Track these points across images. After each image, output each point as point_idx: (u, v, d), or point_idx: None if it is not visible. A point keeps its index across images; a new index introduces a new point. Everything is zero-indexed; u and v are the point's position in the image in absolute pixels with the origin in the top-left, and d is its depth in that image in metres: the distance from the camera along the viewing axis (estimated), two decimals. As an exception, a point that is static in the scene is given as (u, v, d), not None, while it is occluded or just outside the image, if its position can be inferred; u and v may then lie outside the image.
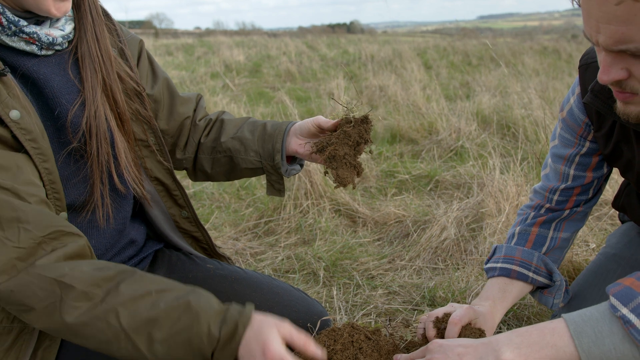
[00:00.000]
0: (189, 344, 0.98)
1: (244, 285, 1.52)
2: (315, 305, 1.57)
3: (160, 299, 1.00)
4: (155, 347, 0.98)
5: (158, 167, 1.43)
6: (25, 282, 0.96)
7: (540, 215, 1.55)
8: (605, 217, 2.87)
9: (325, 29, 45.38)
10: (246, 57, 12.88)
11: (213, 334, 0.98)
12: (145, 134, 1.37)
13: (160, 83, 1.46)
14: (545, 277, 1.50)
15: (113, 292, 0.98)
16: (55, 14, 1.11)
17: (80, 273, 0.99)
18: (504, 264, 1.50)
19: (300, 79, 9.43)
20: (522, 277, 1.48)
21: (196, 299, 1.01)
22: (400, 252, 2.62)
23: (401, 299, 2.16)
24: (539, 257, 1.50)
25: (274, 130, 1.44)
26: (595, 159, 1.44)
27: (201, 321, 0.98)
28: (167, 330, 0.98)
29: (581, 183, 1.48)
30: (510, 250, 1.52)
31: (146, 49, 1.47)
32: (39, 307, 0.97)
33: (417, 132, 4.76)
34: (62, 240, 1.02)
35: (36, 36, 1.11)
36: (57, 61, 1.18)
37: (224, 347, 0.99)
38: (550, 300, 1.52)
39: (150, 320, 0.97)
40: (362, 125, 1.29)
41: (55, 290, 0.96)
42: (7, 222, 0.96)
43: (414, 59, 9.93)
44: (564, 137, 1.46)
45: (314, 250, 2.60)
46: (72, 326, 0.96)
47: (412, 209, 3.09)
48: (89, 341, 0.99)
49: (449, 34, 33.35)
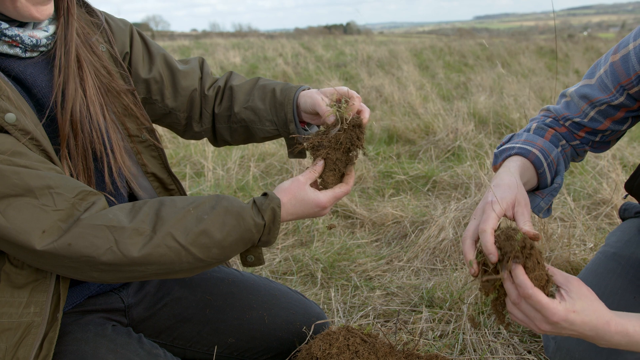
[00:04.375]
0: (241, 239, 1.13)
1: (241, 287, 1.51)
2: (312, 307, 1.56)
3: (200, 213, 1.11)
4: (212, 252, 1.11)
5: (153, 162, 1.42)
6: (78, 234, 1.02)
7: (555, 126, 1.47)
8: (602, 216, 2.87)
9: (321, 30, 45.40)
10: (242, 58, 12.88)
11: (259, 223, 1.14)
12: (139, 129, 1.36)
13: (157, 62, 1.45)
14: (550, 177, 1.39)
15: (158, 221, 1.08)
16: (38, 18, 1.10)
17: (122, 215, 1.07)
18: (523, 145, 1.37)
19: (297, 80, 9.41)
20: (537, 163, 1.35)
21: (229, 203, 1.14)
22: (398, 253, 2.60)
23: (399, 300, 2.15)
24: (557, 153, 1.40)
25: (283, 97, 1.41)
26: (622, 113, 1.38)
27: (245, 217, 1.13)
28: (219, 235, 1.10)
29: (595, 127, 1.41)
30: (532, 137, 1.41)
31: (137, 31, 1.45)
32: (99, 253, 1.02)
33: (414, 133, 4.75)
34: (88, 199, 1.07)
35: (19, 39, 1.10)
36: (43, 62, 1.17)
37: (270, 230, 1.16)
38: (538, 201, 1.39)
39: (202, 232, 1.09)
40: (354, 130, 1.25)
41: (108, 236, 1.03)
42: (39, 190, 1.01)
43: (410, 60, 9.93)
44: (602, 82, 1.38)
45: (312, 251, 2.59)
46: (138, 259, 1.05)
47: (410, 209, 3.08)
48: (153, 267, 1.07)
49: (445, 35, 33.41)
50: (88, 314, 1.30)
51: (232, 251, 1.14)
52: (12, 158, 1.00)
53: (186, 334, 1.44)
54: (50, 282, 1.11)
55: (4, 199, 0.98)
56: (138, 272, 1.08)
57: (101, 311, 1.33)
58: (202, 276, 1.52)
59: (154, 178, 1.43)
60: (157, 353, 1.25)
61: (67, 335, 1.20)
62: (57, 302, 1.13)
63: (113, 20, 1.40)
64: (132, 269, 1.06)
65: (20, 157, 1.02)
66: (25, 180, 0.99)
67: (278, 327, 1.46)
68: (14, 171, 0.99)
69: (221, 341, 1.44)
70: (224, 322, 1.45)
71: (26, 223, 0.98)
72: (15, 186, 0.98)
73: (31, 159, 1.03)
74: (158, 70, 1.44)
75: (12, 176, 0.98)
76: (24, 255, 1.02)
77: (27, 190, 0.99)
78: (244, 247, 1.17)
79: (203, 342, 1.44)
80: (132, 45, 1.40)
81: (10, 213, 0.98)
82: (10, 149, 1.01)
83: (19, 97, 1.07)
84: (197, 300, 1.46)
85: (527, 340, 1.83)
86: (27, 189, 0.99)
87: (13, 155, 1.01)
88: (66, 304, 1.27)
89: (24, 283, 1.09)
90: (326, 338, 1.19)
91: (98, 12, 1.34)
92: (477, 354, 1.74)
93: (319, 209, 1.23)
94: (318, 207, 1.22)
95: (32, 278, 1.09)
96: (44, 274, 1.10)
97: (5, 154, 1.00)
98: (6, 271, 1.08)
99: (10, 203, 0.98)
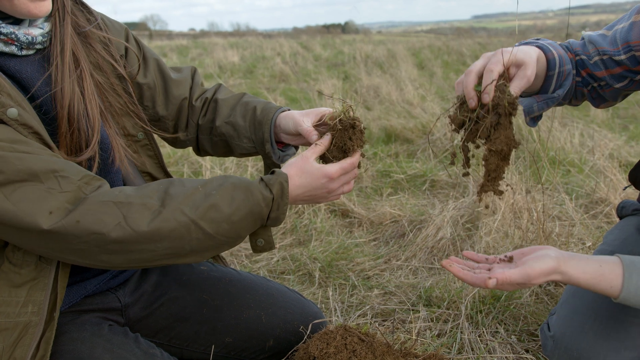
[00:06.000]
0: (250, 213, 1.12)
1: (238, 287, 1.51)
2: (310, 306, 1.56)
3: (208, 190, 1.10)
4: (222, 227, 1.09)
5: (149, 161, 1.42)
6: (86, 211, 1.00)
7: (573, 54, 1.48)
8: (601, 215, 2.87)
9: (319, 29, 45.38)
10: (241, 58, 12.86)
11: (267, 196, 1.13)
12: (135, 128, 1.36)
13: (151, 69, 1.45)
14: (555, 86, 1.39)
15: (167, 198, 1.07)
16: (36, 14, 1.09)
17: (130, 191, 1.07)
18: (545, 43, 1.37)
19: (295, 79, 9.41)
20: (552, 64, 1.35)
21: (236, 179, 1.14)
22: (396, 252, 2.60)
23: (397, 299, 2.15)
24: (570, 69, 1.39)
25: (262, 116, 1.42)
26: (620, 69, 1.39)
27: (253, 191, 1.12)
28: (228, 209, 1.09)
29: (594, 70, 1.42)
30: (556, 44, 1.41)
31: (133, 35, 1.45)
32: (108, 229, 1.01)
33: (412, 132, 4.75)
34: (93, 184, 1.07)
35: (14, 36, 1.09)
36: (40, 59, 1.16)
37: (279, 205, 1.15)
38: (532, 102, 1.40)
39: (211, 207, 1.08)
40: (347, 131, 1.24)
41: (116, 212, 1.02)
42: (44, 174, 1.00)
43: (408, 59, 9.94)
44: (614, 36, 1.38)
45: (310, 251, 2.58)
46: (147, 234, 1.03)
47: (408, 208, 3.07)
48: (163, 245, 1.06)
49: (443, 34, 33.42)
50: (85, 314, 1.30)
51: (241, 228, 1.13)
52: (14, 145, 0.99)
53: (183, 333, 1.43)
54: (48, 281, 1.10)
55: (9, 185, 0.97)
56: (148, 251, 1.06)
57: (98, 311, 1.33)
58: (199, 275, 1.51)
59: (149, 177, 1.43)
60: (154, 353, 1.25)
61: (64, 335, 1.20)
62: (54, 302, 1.12)
63: (110, 21, 1.39)
64: (141, 247, 1.04)
65: (22, 144, 1.01)
66: (29, 166, 0.99)
67: (275, 326, 1.46)
68: (17, 157, 0.98)
69: (218, 340, 1.44)
70: (221, 321, 1.44)
71: (32, 205, 0.97)
72: (19, 172, 0.97)
73: (33, 146, 1.03)
74: (152, 76, 1.44)
75: (16, 162, 0.97)
76: (30, 240, 1.01)
77: (31, 175, 0.98)
78: (254, 224, 1.15)
79: (200, 341, 1.44)
80: (127, 48, 1.40)
81: (16, 197, 0.97)
82: (12, 137, 1.00)
83: (18, 93, 1.06)
84: (194, 299, 1.46)
85: (525, 339, 1.83)
86: (32, 174, 0.99)
87: (14, 143, 1.00)
88: (63, 304, 1.27)
89: (22, 282, 1.08)
90: (324, 337, 1.19)
91: (95, 13, 1.33)
92: (475, 352, 1.74)
93: (327, 180, 1.22)
94: (326, 177, 1.21)
95: (30, 277, 1.09)
96: (42, 273, 1.10)
97: (6, 142, 0.99)
98: (4, 270, 1.07)
99: (15, 188, 0.97)
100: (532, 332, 1.86)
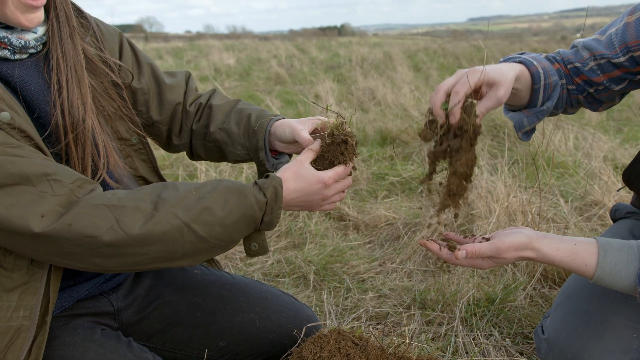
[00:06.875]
0: (244, 216, 1.11)
1: (232, 291, 1.50)
2: (304, 309, 1.56)
3: (202, 193, 1.09)
4: (215, 230, 1.08)
5: (143, 165, 1.42)
6: (78, 214, 1.00)
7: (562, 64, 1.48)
8: (595, 218, 2.88)
9: (316, 31, 45.44)
10: (236, 60, 12.87)
11: (261, 200, 1.12)
12: (129, 132, 1.36)
13: (145, 73, 1.44)
14: (542, 98, 1.39)
15: (160, 201, 1.06)
16: (27, 26, 1.09)
17: (122, 195, 1.06)
18: (528, 58, 1.38)
19: (291, 82, 9.41)
20: (536, 78, 1.35)
21: (230, 183, 1.13)
22: (391, 254, 2.60)
23: (392, 302, 2.15)
24: (557, 81, 1.39)
25: (257, 124, 1.42)
26: (619, 72, 1.39)
27: (247, 194, 1.11)
28: (221, 213, 1.08)
29: (591, 77, 1.42)
30: (539, 57, 1.41)
31: (127, 39, 1.44)
32: (100, 232, 1.00)
33: (407, 135, 4.76)
34: (86, 187, 1.06)
35: (7, 40, 1.09)
36: (33, 64, 1.15)
37: (272, 209, 1.14)
38: (522, 117, 1.40)
39: (204, 209, 1.07)
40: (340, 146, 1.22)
41: (108, 215, 1.01)
42: (36, 178, 0.99)
43: (404, 61, 9.96)
44: (610, 39, 1.38)
45: (304, 254, 2.58)
46: (139, 237, 1.02)
47: (403, 211, 3.08)
48: (155, 248, 1.05)
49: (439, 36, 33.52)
50: (77, 318, 1.29)
51: (234, 231, 1.12)
52: (6, 149, 0.99)
53: (176, 337, 1.43)
54: (40, 285, 1.09)
55: (1, 188, 0.96)
56: (140, 254, 1.05)
57: (90, 315, 1.32)
58: (193, 279, 1.51)
59: (143, 181, 1.43)
60: (147, 357, 1.24)
61: (56, 339, 1.19)
62: (46, 306, 1.11)
63: (104, 25, 1.39)
64: (134, 250, 1.04)
65: (14, 148, 1.00)
66: (22, 169, 0.98)
67: (269, 330, 1.46)
68: (10, 160, 0.97)
69: (212, 344, 1.43)
70: (215, 325, 1.44)
71: (24, 208, 0.97)
72: (11, 175, 0.97)
73: (26, 150, 1.02)
74: (146, 81, 1.44)
75: (8, 165, 0.97)
76: (22, 243, 1.00)
77: (23, 178, 0.98)
78: (247, 227, 1.14)
79: (194, 345, 1.43)
80: (121, 53, 1.40)
81: (8, 201, 0.96)
82: (4, 141, 1.00)
83: (11, 97, 1.06)
84: (187, 303, 1.45)
85: (520, 342, 1.83)
86: (24, 177, 0.98)
87: (7, 146, 0.99)
88: (55, 308, 1.26)
89: (13, 286, 1.07)
90: (317, 341, 1.18)
91: (89, 17, 1.33)
92: (469, 356, 1.74)
93: (322, 186, 1.21)
94: (320, 182, 1.20)
95: (22, 281, 1.08)
96: (34, 277, 1.09)
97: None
98: None
99: (7, 192, 0.96)
100: (527, 335, 1.86)
